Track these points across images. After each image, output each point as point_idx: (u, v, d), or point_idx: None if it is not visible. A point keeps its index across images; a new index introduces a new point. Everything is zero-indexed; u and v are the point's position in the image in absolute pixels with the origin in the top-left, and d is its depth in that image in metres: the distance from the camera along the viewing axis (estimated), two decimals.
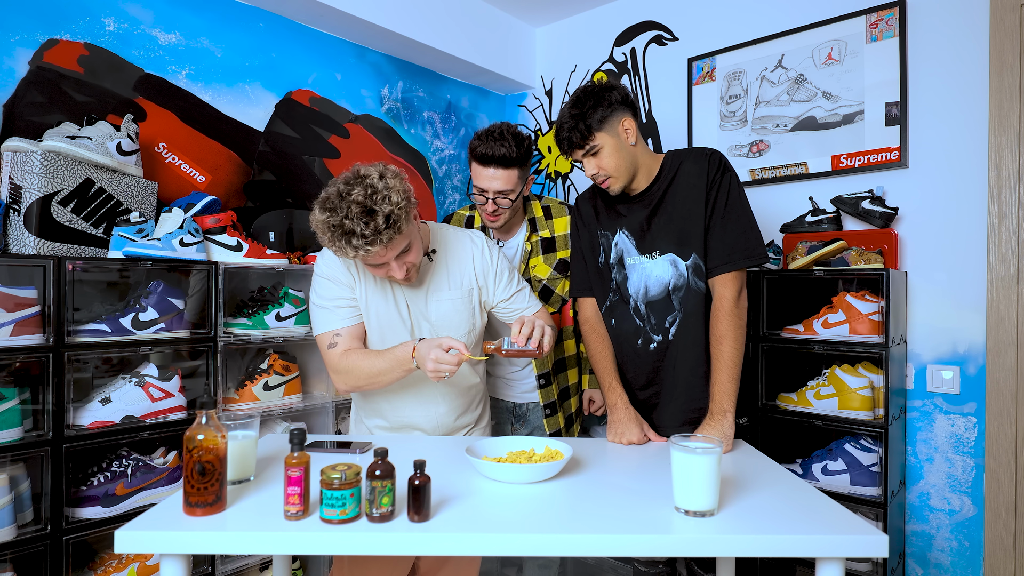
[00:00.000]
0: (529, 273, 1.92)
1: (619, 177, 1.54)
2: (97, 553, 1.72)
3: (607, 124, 1.50)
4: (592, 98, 1.51)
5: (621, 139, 1.52)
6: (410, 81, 2.88)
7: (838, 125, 2.25)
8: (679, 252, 1.55)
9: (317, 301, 1.52)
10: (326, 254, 1.54)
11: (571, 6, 3.00)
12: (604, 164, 1.52)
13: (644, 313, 1.61)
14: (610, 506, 1.10)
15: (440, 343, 1.33)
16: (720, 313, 1.50)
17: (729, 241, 1.51)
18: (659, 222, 1.58)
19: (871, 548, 0.97)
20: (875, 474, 1.92)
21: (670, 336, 1.58)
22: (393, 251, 1.35)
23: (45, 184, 1.61)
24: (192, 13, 2.17)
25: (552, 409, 1.95)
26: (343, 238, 1.29)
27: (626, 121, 1.53)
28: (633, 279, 1.61)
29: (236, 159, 2.28)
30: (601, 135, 1.50)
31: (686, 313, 1.57)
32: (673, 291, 1.57)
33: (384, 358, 1.42)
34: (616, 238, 1.64)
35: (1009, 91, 1.93)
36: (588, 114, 1.49)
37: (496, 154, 1.71)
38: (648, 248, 1.59)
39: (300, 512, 1.02)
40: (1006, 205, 1.93)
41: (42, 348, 1.54)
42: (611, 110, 1.50)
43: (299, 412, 2.11)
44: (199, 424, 1.03)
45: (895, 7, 2.13)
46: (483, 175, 1.75)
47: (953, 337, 2.04)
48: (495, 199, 1.77)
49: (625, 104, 1.53)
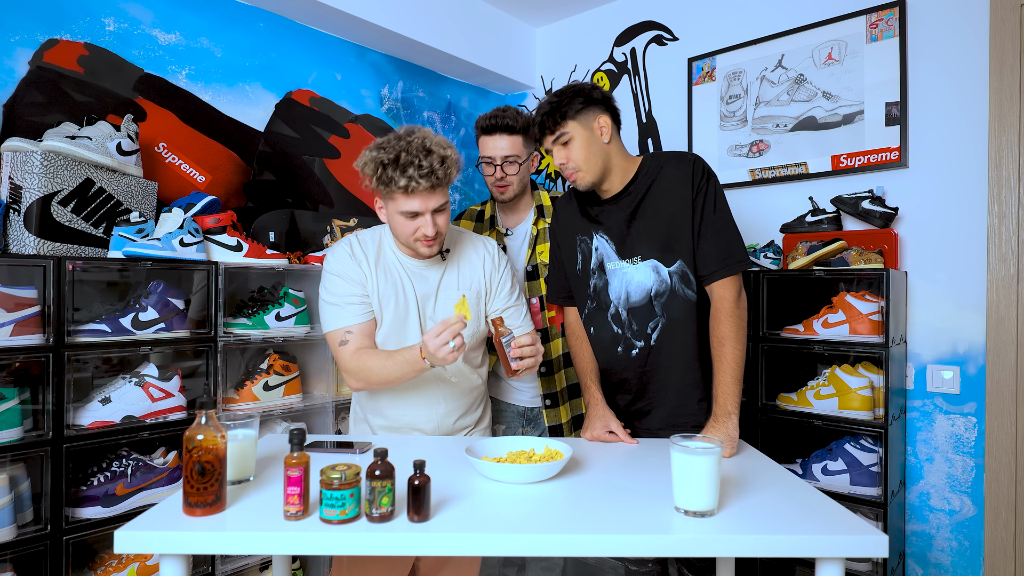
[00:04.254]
0: (536, 259, 1.95)
1: (587, 172, 1.54)
2: (97, 553, 1.72)
3: (581, 116, 1.52)
4: (573, 91, 1.54)
5: (595, 134, 1.53)
6: (410, 81, 2.88)
7: (838, 125, 2.25)
8: (662, 258, 1.55)
9: (327, 298, 1.52)
10: (335, 251, 1.54)
11: (571, 6, 3.00)
12: (573, 155, 1.53)
13: (625, 319, 1.60)
14: (610, 506, 1.10)
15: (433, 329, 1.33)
16: (721, 315, 1.49)
17: (723, 246, 1.51)
18: (639, 226, 1.57)
19: (871, 548, 0.97)
20: (875, 474, 1.92)
21: (652, 342, 1.58)
22: (435, 200, 1.42)
23: (45, 184, 1.61)
24: (192, 13, 2.17)
25: (553, 400, 1.94)
26: (397, 169, 1.36)
27: (602, 118, 1.54)
28: (614, 284, 1.60)
29: (236, 159, 2.28)
30: (573, 124, 1.52)
31: (670, 319, 1.56)
32: (655, 297, 1.56)
33: (395, 361, 1.42)
34: (595, 242, 1.63)
35: (1009, 91, 1.93)
36: (564, 103, 1.52)
37: (500, 122, 1.87)
38: (628, 253, 1.58)
39: (300, 512, 1.02)
40: (1006, 205, 1.93)
41: (42, 348, 1.54)
42: (588, 104, 1.52)
43: (299, 412, 2.11)
44: (199, 424, 1.03)
45: (895, 7, 2.13)
46: (489, 144, 1.89)
47: (953, 337, 2.04)
48: (502, 165, 1.88)
49: (604, 103, 1.55)
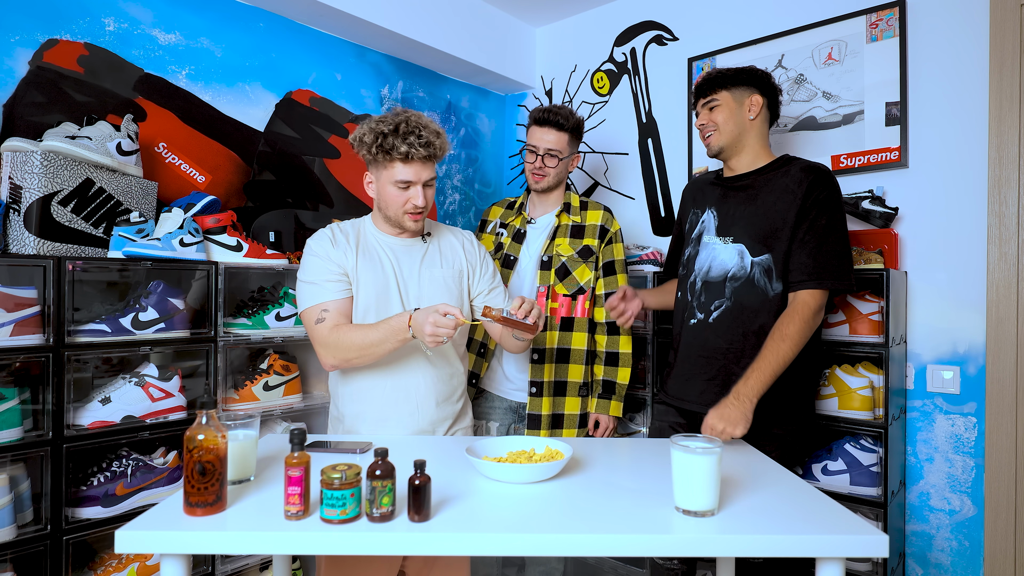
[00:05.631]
0: (553, 251, 2.02)
1: (722, 135, 1.68)
2: (97, 553, 1.72)
3: (737, 89, 1.67)
4: (743, 69, 1.69)
5: (742, 108, 1.68)
6: (410, 81, 2.88)
7: (838, 125, 2.25)
8: (751, 246, 1.62)
9: (305, 278, 1.55)
10: (316, 236, 1.59)
11: (571, 6, 3.00)
12: (715, 117, 1.68)
13: (699, 290, 1.70)
14: (610, 506, 1.10)
15: (437, 308, 1.37)
16: (797, 316, 1.52)
17: (821, 260, 1.54)
18: (744, 211, 1.65)
19: (871, 548, 0.97)
20: (875, 474, 1.92)
21: (710, 320, 1.66)
22: (427, 172, 1.51)
23: (45, 184, 1.61)
24: (192, 13, 2.17)
25: (539, 389, 1.96)
26: (399, 137, 1.45)
27: (755, 97, 1.68)
28: (702, 256, 1.71)
29: (236, 159, 2.28)
30: (725, 94, 1.67)
31: (736, 304, 1.62)
32: (730, 279, 1.64)
33: (378, 329, 1.45)
34: (704, 215, 1.74)
35: (1009, 91, 1.93)
36: (728, 75, 1.68)
37: (552, 118, 1.98)
38: (725, 232, 1.68)
39: (300, 512, 1.02)
40: (1006, 205, 1.93)
41: (42, 348, 1.54)
42: (749, 82, 1.67)
43: (299, 412, 2.11)
44: (199, 424, 1.03)
45: (895, 7, 2.13)
46: (537, 134, 2.00)
47: (953, 337, 2.04)
48: (544, 156, 1.98)
49: (766, 88, 1.69)
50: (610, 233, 2.05)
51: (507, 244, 2.09)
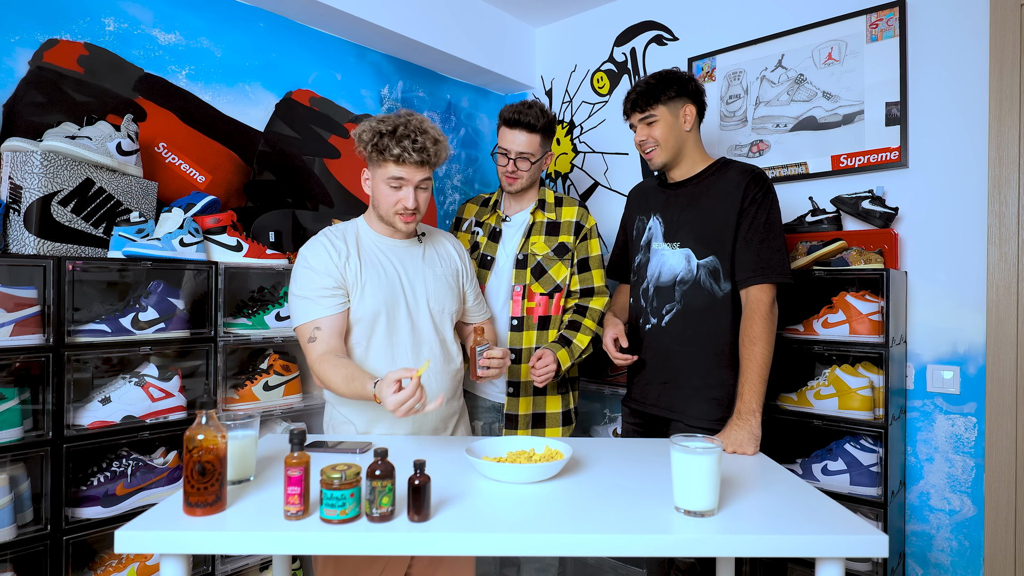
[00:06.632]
0: (528, 248, 1.98)
1: (663, 150, 1.71)
2: (97, 553, 1.72)
3: (672, 103, 1.69)
4: (670, 78, 1.70)
5: (678, 121, 1.70)
6: (410, 81, 2.88)
7: (838, 125, 2.25)
8: (696, 250, 1.66)
9: (298, 292, 1.51)
10: (311, 244, 1.55)
11: (571, 6, 3.00)
12: (654, 134, 1.70)
13: (651, 295, 1.74)
14: (610, 506, 1.10)
15: (387, 379, 1.25)
16: (756, 316, 1.56)
17: (764, 256, 1.60)
18: (688, 216, 1.69)
19: (871, 548, 0.97)
20: (875, 474, 1.92)
21: (662, 324, 1.71)
22: (422, 174, 1.51)
23: (45, 184, 1.61)
24: (192, 13, 2.17)
25: (516, 390, 1.95)
26: (393, 139, 1.45)
27: (688, 108, 1.70)
28: (653, 262, 1.75)
29: (236, 159, 2.28)
30: (662, 109, 1.69)
31: (686, 307, 1.67)
32: (679, 283, 1.68)
33: (351, 388, 1.37)
34: (651, 222, 1.78)
35: (1009, 91, 1.93)
36: (660, 88, 1.68)
37: (523, 119, 1.90)
38: (672, 237, 1.72)
39: (300, 512, 1.02)
40: (1006, 205, 1.93)
41: (42, 348, 1.54)
42: (681, 94, 1.69)
43: (299, 412, 2.11)
44: (199, 424, 1.03)
45: (895, 7, 2.13)
46: (508, 136, 1.94)
47: (953, 337, 2.04)
48: (516, 160, 1.93)
49: (695, 96, 1.72)
50: (585, 229, 2.01)
51: (483, 244, 2.06)
